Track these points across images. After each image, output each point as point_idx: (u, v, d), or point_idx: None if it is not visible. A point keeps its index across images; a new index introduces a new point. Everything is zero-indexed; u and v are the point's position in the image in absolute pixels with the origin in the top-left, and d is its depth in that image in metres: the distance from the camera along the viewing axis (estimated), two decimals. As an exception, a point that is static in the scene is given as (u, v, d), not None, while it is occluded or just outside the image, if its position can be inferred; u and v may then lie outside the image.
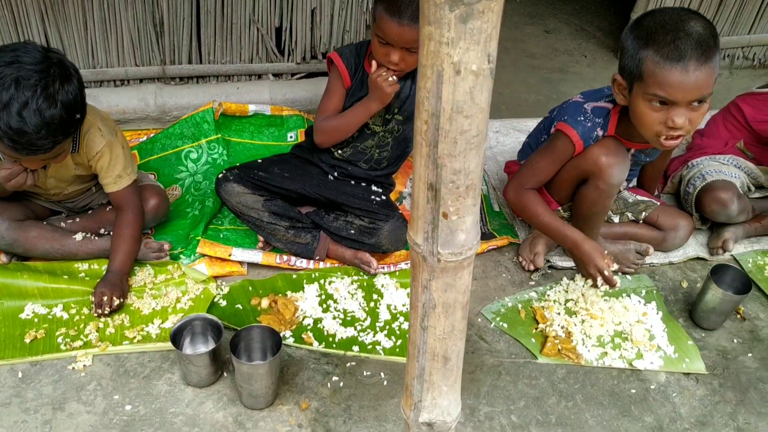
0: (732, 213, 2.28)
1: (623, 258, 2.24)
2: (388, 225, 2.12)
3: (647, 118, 1.80)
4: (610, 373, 1.94)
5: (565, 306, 2.10)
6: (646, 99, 1.77)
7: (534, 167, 2.09)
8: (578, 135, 1.97)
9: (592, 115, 1.97)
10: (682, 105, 1.74)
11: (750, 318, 2.16)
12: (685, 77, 1.70)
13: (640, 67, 1.75)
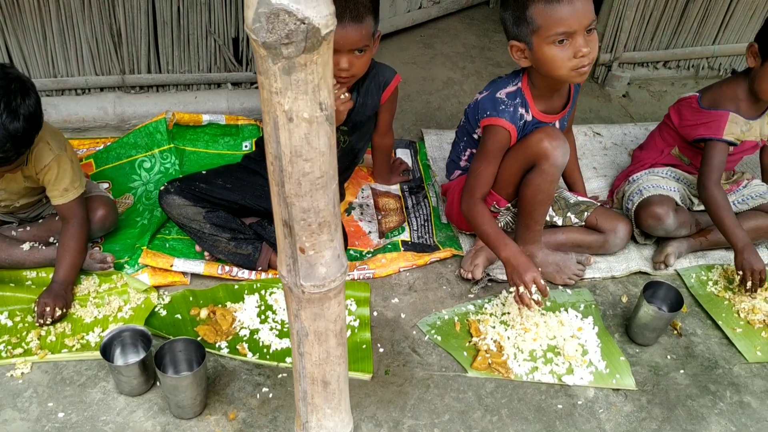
0: (669, 227, 2.30)
1: (565, 268, 2.27)
2: None
3: (558, 58, 1.91)
4: (538, 388, 1.97)
5: (501, 319, 2.12)
6: (550, 42, 1.89)
7: (478, 174, 2.12)
8: (508, 121, 2.04)
9: (509, 100, 2.05)
10: (580, 34, 1.87)
11: (687, 334, 2.18)
12: (573, 7, 1.84)
13: (534, 20, 1.87)
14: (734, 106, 2.27)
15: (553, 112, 2.14)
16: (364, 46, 2.06)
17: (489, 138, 2.08)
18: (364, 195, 2.55)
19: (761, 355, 2.11)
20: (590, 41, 1.90)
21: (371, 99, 2.28)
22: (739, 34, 3.28)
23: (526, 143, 2.04)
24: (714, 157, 2.26)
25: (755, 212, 2.41)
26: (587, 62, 1.91)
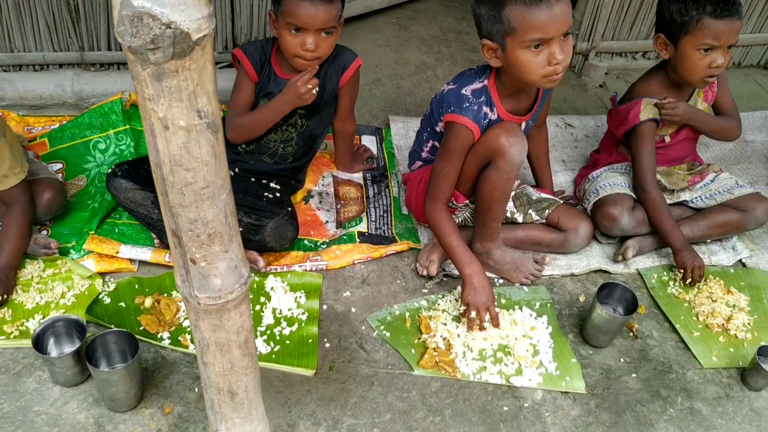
0: (624, 227, 2.26)
1: (522, 267, 2.22)
2: (272, 222, 2.09)
3: (531, 64, 1.84)
4: (485, 389, 1.93)
5: (453, 316, 2.08)
6: (524, 47, 1.82)
7: (441, 175, 2.06)
8: (471, 120, 1.97)
9: (474, 98, 1.98)
10: (556, 40, 1.80)
11: (643, 336, 2.14)
12: (552, 12, 1.76)
13: (509, 21, 1.79)
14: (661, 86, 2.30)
15: (519, 113, 2.08)
16: (332, 28, 2.04)
17: (451, 136, 2.01)
18: (325, 183, 2.50)
19: (717, 361, 2.07)
20: (566, 47, 1.84)
21: (330, 82, 2.23)
22: (720, 25, 3.19)
23: (483, 139, 1.98)
24: (643, 152, 2.25)
25: (722, 208, 2.36)
26: (561, 69, 1.85)
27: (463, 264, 2.03)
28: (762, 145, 2.97)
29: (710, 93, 2.39)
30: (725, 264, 2.39)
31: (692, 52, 2.14)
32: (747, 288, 2.31)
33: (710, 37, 2.10)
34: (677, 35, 2.16)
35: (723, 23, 2.08)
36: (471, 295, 2.00)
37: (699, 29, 2.10)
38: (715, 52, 2.13)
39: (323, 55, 2.09)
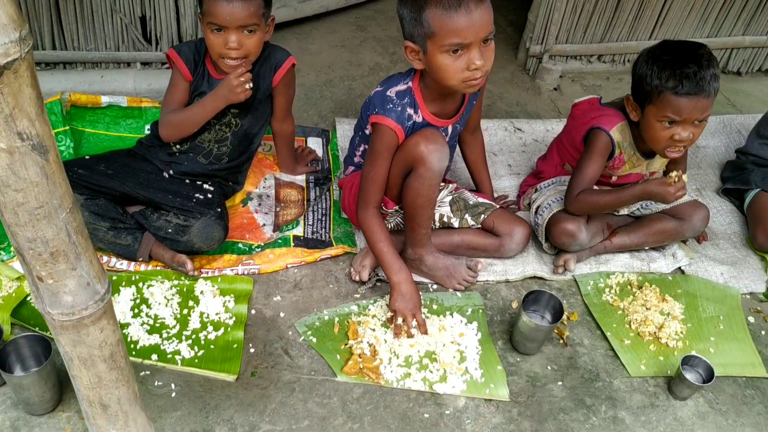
0: (583, 242, 2.24)
1: (455, 273, 2.22)
2: (198, 223, 2.09)
3: (450, 69, 1.83)
4: (408, 396, 1.93)
5: (383, 322, 2.08)
6: (444, 51, 1.81)
7: (369, 178, 2.06)
8: (394, 121, 1.96)
9: (398, 99, 1.98)
10: (476, 46, 1.79)
11: (573, 344, 2.14)
12: (471, 18, 1.75)
13: (429, 25, 1.78)
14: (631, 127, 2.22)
15: (445, 116, 2.08)
16: (253, 25, 2.03)
17: (377, 138, 2.01)
18: (266, 185, 2.49)
19: (645, 369, 2.07)
20: (486, 53, 1.83)
21: (263, 82, 2.23)
22: (676, 30, 3.19)
23: (404, 145, 1.98)
24: (587, 166, 2.19)
25: (660, 215, 2.36)
26: (479, 75, 1.84)
27: (391, 271, 2.03)
28: (714, 150, 2.96)
29: None
30: (664, 271, 2.38)
31: (654, 122, 2.05)
32: (684, 296, 2.31)
33: (671, 112, 2.00)
34: (643, 101, 2.08)
35: (685, 100, 1.97)
36: (398, 302, 2.00)
37: (660, 102, 2.00)
38: (679, 126, 2.02)
39: (249, 54, 2.08)
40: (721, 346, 2.17)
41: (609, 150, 2.20)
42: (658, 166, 2.34)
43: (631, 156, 2.26)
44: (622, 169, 2.30)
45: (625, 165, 2.29)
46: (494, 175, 2.67)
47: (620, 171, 2.30)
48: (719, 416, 1.99)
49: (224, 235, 2.14)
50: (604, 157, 2.20)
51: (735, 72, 3.50)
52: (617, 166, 2.28)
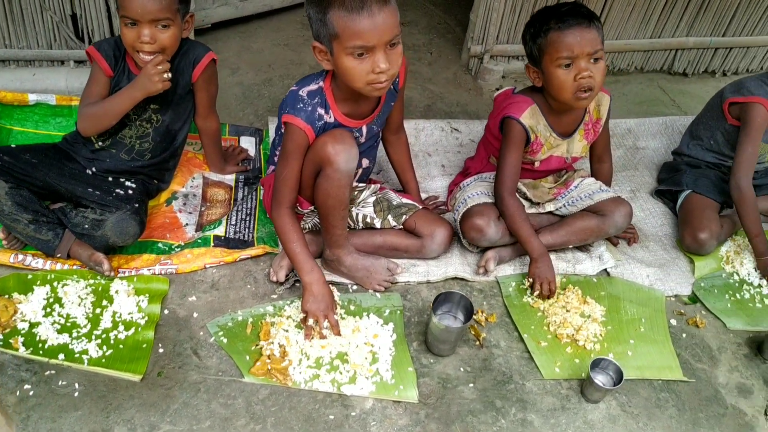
0: (492, 238, 2.24)
1: (375, 274, 2.21)
2: (114, 217, 2.08)
3: (354, 72, 1.83)
4: (315, 397, 1.92)
5: (297, 323, 2.07)
6: (348, 53, 1.80)
7: (282, 178, 2.05)
8: (304, 121, 1.96)
9: (309, 99, 1.97)
10: (380, 49, 1.78)
11: (489, 346, 2.13)
12: (374, 21, 1.74)
13: (333, 27, 1.78)
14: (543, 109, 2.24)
15: (358, 117, 2.07)
16: (166, 20, 2.03)
17: (287, 137, 2.01)
18: (194, 184, 2.48)
19: (559, 372, 2.06)
20: (392, 56, 1.82)
21: (182, 77, 2.23)
22: (618, 29, 3.18)
23: (313, 146, 1.97)
24: (506, 157, 2.22)
25: (583, 213, 2.36)
26: (384, 78, 1.84)
27: (303, 271, 2.02)
28: (653, 152, 2.96)
29: (592, 132, 2.36)
30: (589, 273, 2.38)
31: (553, 70, 2.09)
32: (607, 298, 2.31)
33: (564, 49, 2.05)
34: (538, 59, 2.13)
35: (570, 33, 2.03)
36: (309, 303, 2.00)
37: (550, 46, 2.07)
38: (578, 64, 2.07)
39: (164, 49, 2.07)
40: (640, 348, 2.17)
41: (523, 137, 2.23)
42: (579, 149, 2.35)
43: (548, 138, 2.28)
44: (541, 152, 2.30)
45: (543, 147, 2.30)
46: (427, 176, 2.67)
47: (540, 155, 2.31)
48: (630, 419, 1.98)
49: (139, 231, 2.13)
50: (520, 145, 2.23)
51: (681, 73, 3.49)
52: (536, 150, 2.29)
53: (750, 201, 2.37)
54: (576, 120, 2.29)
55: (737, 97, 2.44)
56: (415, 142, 2.80)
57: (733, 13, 3.28)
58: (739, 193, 2.37)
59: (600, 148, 2.44)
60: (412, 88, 3.12)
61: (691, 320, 2.29)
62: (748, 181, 2.38)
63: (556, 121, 2.25)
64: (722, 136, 2.54)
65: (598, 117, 2.33)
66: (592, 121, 2.32)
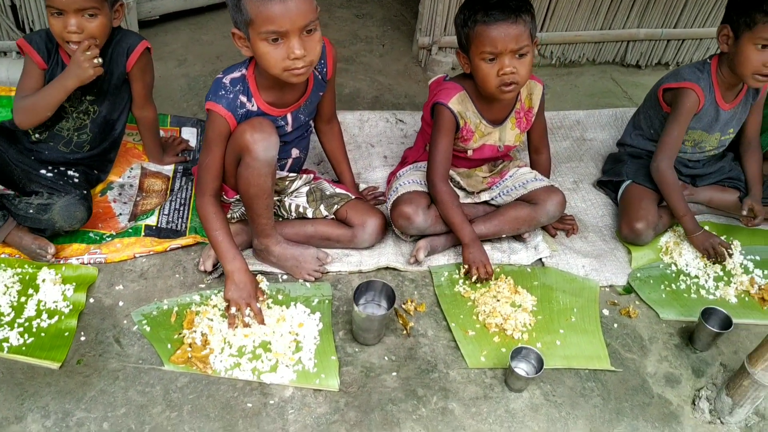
0: (420, 226, 2.24)
1: (304, 263, 2.21)
2: (62, 201, 2.09)
3: (270, 57, 1.83)
4: (234, 385, 1.92)
5: (222, 312, 2.07)
6: (263, 39, 1.80)
7: (204, 165, 2.05)
8: (225, 108, 1.96)
9: (231, 86, 1.97)
10: (294, 35, 1.78)
11: (416, 335, 2.13)
12: (286, 6, 1.74)
13: (247, 12, 1.77)
14: (473, 96, 2.24)
15: (283, 105, 2.06)
16: (93, 9, 2.03)
17: (208, 124, 2.01)
18: (132, 174, 2.48)
19: (485, 361, 2.06)
20: (309, 43, 1.82)
21: (116, 67, 2.23)
22: (567, 21, 3.17)
23: (233, 134, 1.97)
24: (437, 143, 2.21)
25: (516, 203, 2.37)
26: (301, 65, 1.83)
27: (225, 259, 2.02)
28: (601, 143, 2.95)
29: (524, 121, 2.36)
30: (524, 263, 2.38)
31: (479, 62, 2.08)
32: (540, 288, 2.30)
33: (488, 44, 2.03)
34: (466, 47, 2.13)
35: (495, 28, 2.01)
36: (231, 291, 2.00)
37: (476, 38, 2.05)
38: (502, 60, 2.05)
39: (92, 37, 2.06)
40: (569, 338, 2.16)
41: (453, 123, 2.22)
42: (512, 138, 2.35)
43: (478, 125, 2.27)
44: (473, 140, 2.30)
45: (475, 134, 2.29)
46: (369, 167, 2.67)
47: (472, 143, 2.30)
48: (553, 408, 1.98)
49: (87, 217, 2.14)
50: (449, 131, 2.23)
51: (634, 65, 3.48)
52: (467, 138, 2.29)
53: (671, 181, 2.39)
54: (506, 108, 2.29)
55: (670, 83, 2.44)
56: (358, 133, 2.80)
57: (683, 5, 3.26)
58: (659, 174, 2.39)
59: (536, 138, 2.44)
60: (360, 80, 3.12)
61: (623, 310, 2.29)
62: (669, 163, 2.40)
63: (486, 108, 2.25)
64: (660, 125, 2.54)
65: (530, 105, 2.33)
66: (524, 110, 2.32)
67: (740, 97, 2.48)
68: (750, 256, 2.53)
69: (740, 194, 2.59)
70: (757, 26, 2.20)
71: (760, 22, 2.19)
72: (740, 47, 2.27)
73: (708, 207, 2.65)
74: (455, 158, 2.36)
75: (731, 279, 2.43)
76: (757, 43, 2.22)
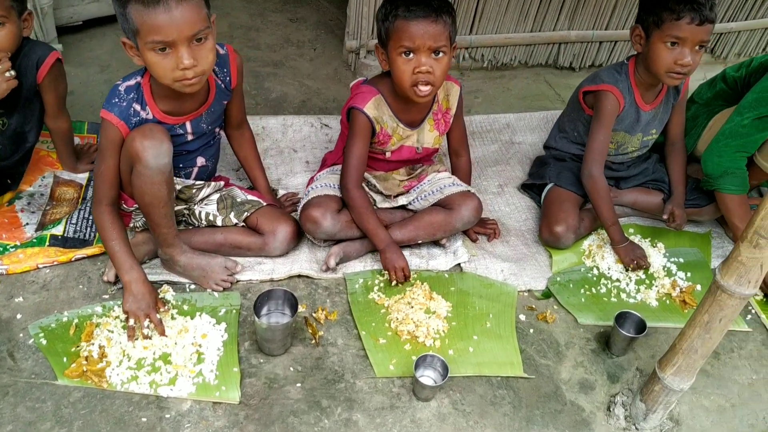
0: (329, 230, 2.20)
1: (211, 273, 2.16)
2: None
3: (159, 67, 1.79)
4: (130, 399, 1.86)
5: (123, 324, 2.02)
6: (150, 49, 1.76)
7: (98, 174, 2.00)
8: (116, 116, 1.91)
9: (125, 94, 1.93)
10: (182, 44, 1.74)
11: (326, 344, 2.09)
12: (171, 15, 1.69)
13: (133, 21, 1.73)
14: (389, 98, 2.20)
15: (182, 113, 2.02)
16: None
17: (101, 132, 1.96)
18: (43, 183, 2.42)
19: (394, 370, 2.02)
20: (198, 52, 1.78)
21: (26, 79, 2.17)
22: (497, 23, 3.14)
23: (125, 142, 1.92)
24: (351, 147, 2.18)
25: (432, 208, 2.34)
26: (192, 75, 1.80)
27: (122, 270, 1.97)
28: (530, 146, 2.93)
29: (443, 123, 2.33)
30: (442, 268, 2.34)
31: (396, 56, 2.06)
32: (456, 294, 2.27)
33: (405, 39, 2.01)
34: (385, 42, 2.09)
35: (414, 24, 1.99)
36: (129, 303, 1.95)
37: (396, 32, 2.02)
38: (418, 56, 2.04)
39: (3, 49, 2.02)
40: (483, 344, 2.13)
41: (368, 128, 2.19)
42: (431, 140, 2.32)
43: (396, 129, 2.24)
44: (390, 143, 2.27)
45: (392, 138, 2.26)
46: (290, 172, 2.63)
47: (390, 145, 2.27)
48: (461, 417, 1.94)
49: None
50: (364, 136, 2.20)
51: (568, 67, 3.47)
52: (384, 141, 2.26)
53: (602, 189, 2.35)
54: (423, 109, 2.26)
55: (590, 85, 2.42)
56: (281, 138, 2.76)
57: (613, 6, 3.25)
58: (591, 181, 2.35)
59: (455, 141, 2.41)
60: (288, 84, 3.08)
61: (540, 315, 2.26)
62: (599, 169, 2.36)
63: (403, 110, 2.22)
64: (583, 127, 2.52)
65: (448, 107, 2.30)
66: (442, 111, 2.29)
67: (660, 97, 2.46)
68: (674, 259, 2.51)
69: (664, 196, 2.57)
70: (665, 24, 2.19)
71: (668, 20, 2.18)
72: (651, 46, 2.25)
73: (633, 209, 2.63)
74: (373, 160, 2.33)
75: (653, 282, 2.40)
76: (666, 41, 2.20)
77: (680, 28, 2.16)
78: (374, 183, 2.33)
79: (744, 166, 2.33)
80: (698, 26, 2.14)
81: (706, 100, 2.62)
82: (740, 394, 2.15)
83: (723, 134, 2.33)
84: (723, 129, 2.34)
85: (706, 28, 2.16)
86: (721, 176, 2.34)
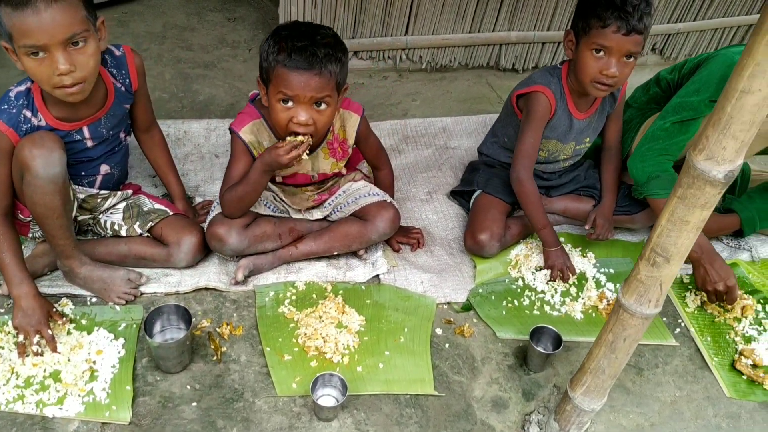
0: (236, 247, 2.12)
1: (113, 286, 2.08)
2: None
3: (35, 72, 1.74)
4: (14, 420, 1.79)
5: (15, 340, 1.94)
6: (24, 53, 1.71)
7: None
8: (5, 123, 1.84)
9: (15, 101, 1.86)
10: (56, 48, 1.68)
11: (227, 361, 2.00)
12: (40, 18, 1.63)
13: (5, 25, 1.68)
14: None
15: (75, 119, 1.95)
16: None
17: None
18: None
19: (296, 388, 1.94)
20: (76, 57, 1.72)
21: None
22: (433, 24, 3.06)
23: (15, 150, 1.85)
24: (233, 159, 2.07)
25: (347, 219, 2.27)
26: (70, 81, 1.74)
27: (11, 284, 1.90)
28: (465, 152, 2.84)
29: (339, 151, 2.20)
30: (359, 280, 2.27)
31: (275, 102, 1.91)
32: (371, 307, 2.19)
33: (284, 86, 1.86)
34: (265, 79, 1.95)
35: (296, 75, 1.84)
36: (19, 318, 1.88)
37: (275, 78, 1.88)
38: (297, 107, 1.89)
39: None
40: (394, 360, 2.06)
41: (245, 151, 2.08)
42: (327, 167, 2.22)
43: None
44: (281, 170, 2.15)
45: None
46: (209, 179, 2.58)
47: (278, 171, 2.16)
48: (362, 438, 1.87)
49: None
50: (243, 158, 2.07)
51: (510, 69, 3.38)
52: None
53: (531, 192, 2.26)
54: None
55: (522, 88, 2.34)
56: (204, 143, 2.67)
57: (554, 8, 3.17)
58: (519, 185, 2.27)
59: (370, 158, 2.32)
60: (218, 86, 2.99)
61: (458, 329, 2.18)
62: (528, 172, 2.27)
63: None
64: (514, 133, 2.43)
65: (345, 137, 2.19)
66: (338, 141, 2.18)
67: (595, 106, 2.38)
68: (604, 269, 2.44)
69: (595, 203, 2.49)
70: (592, 31, 2.10)
71: (594, 27, 2.09)
72: (579, 53, 2.17)
73: (564, 216, 2.56)
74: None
75: (579, 294, 2.33)
76: (592, 48, 2.12)
77: (606, 36, 2.08)
78: (281, 197, 2.24)
79: (670, 168, 2.25)
80: (625, 36, 2.06)
81: (640, 104, 2.54)
82: (661, 412, 2.07)
83: (646, 138, 2.26)
84: (646, 134, 2.27)
85: (634, 39, 2.07)
86: (647, 182, 2.26)
